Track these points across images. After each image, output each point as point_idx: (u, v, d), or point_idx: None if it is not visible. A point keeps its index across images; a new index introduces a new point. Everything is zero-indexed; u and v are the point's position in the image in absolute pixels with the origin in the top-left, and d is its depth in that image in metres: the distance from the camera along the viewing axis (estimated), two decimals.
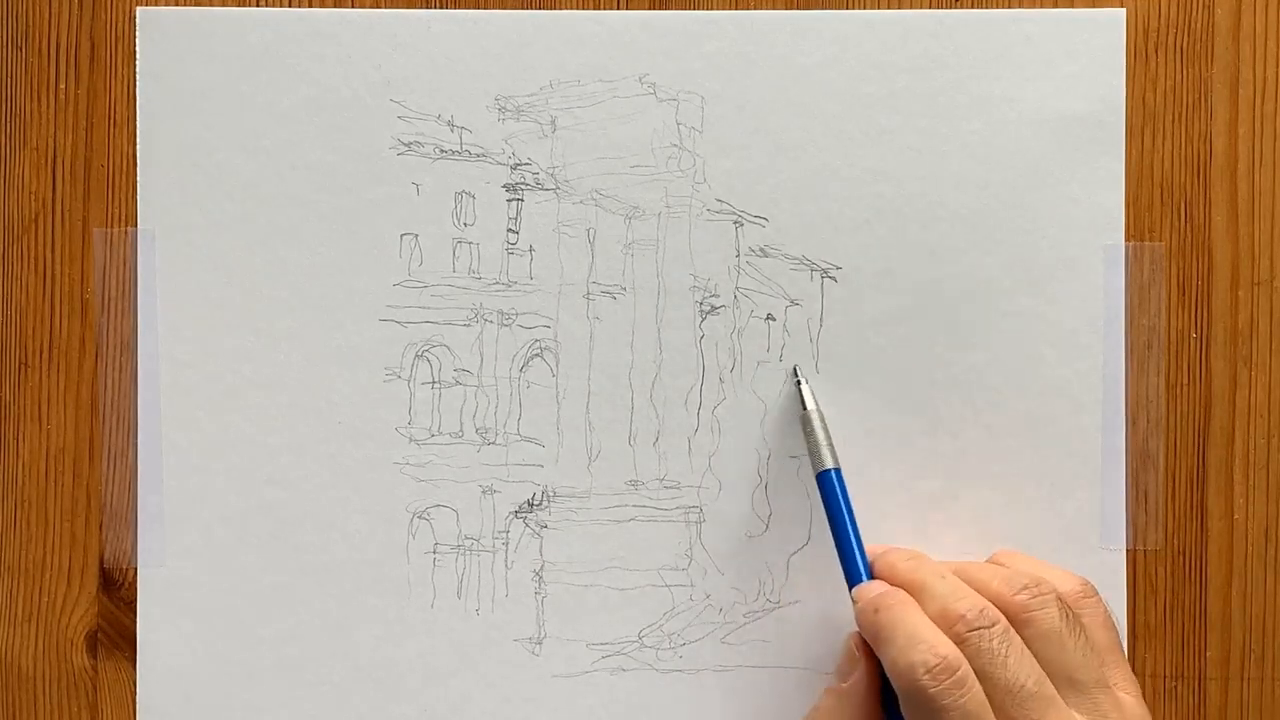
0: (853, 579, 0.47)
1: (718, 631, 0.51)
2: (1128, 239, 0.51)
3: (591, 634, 0.51)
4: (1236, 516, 0.51)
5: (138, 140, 0.51)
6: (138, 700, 0.51)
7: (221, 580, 0.51)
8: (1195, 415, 0.51)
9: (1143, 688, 0.51)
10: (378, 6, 0.51)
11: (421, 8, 0.51)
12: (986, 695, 0.43)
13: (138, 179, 0.51)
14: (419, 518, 0.51)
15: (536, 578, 0.51)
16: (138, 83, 0.51)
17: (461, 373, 0.51)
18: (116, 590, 0.51)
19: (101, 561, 0.51)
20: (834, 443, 0.49)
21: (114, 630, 0.51)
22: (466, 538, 0.51)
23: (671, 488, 0.51)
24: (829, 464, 0.49)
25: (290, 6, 0.51)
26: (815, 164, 0.51)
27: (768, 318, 0.51)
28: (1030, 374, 0.51)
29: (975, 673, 0.43)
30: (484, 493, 0.51)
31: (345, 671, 0.51)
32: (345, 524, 0.51)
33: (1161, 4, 0.51)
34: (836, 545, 0.48)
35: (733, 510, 0.51)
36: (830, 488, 0.49)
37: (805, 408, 0.50)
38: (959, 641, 0.43)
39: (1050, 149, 0.51)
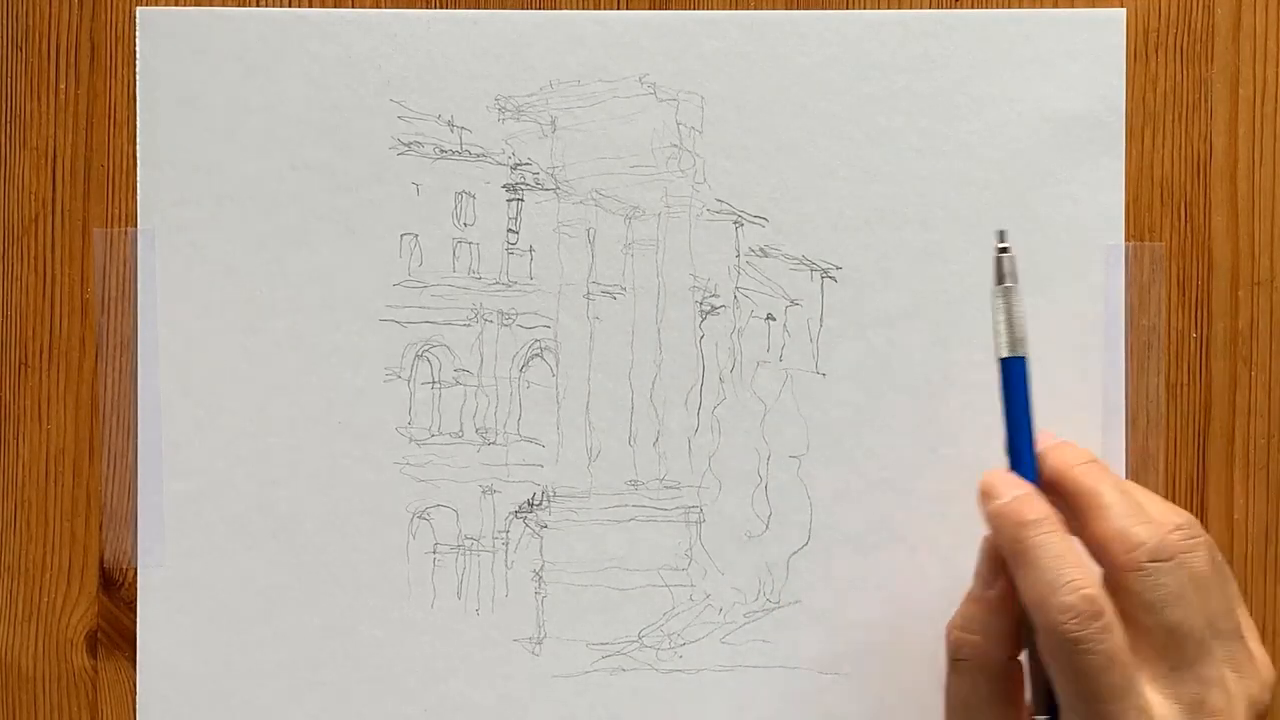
0: (1019, 464, 0.44)
1: (718, 631, 0.51)
2: (1128, 239, 0.51)
3: (591, 634, 0.51)
4: (1236, 516, 0.51)
5: (138, 140, 0.51)
6: (138, 700, 0.51)
7: (221, 580, 0.51)
8: (1195, 415, 0.51)
9: None
10: (378, 6, 0.51)
11: (421, 8, 0.51)
12: (1145, 631, 0.41)
13: (138, 179, 0.51)
14: (419, 518, 0.51)
15: (536, 578, 0.51)
16: (138, 83, 0.51)
17: (461, 373, 0.51)
18: (116, 590, 0.51)
19: (101, 561, 0.51)
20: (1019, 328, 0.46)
21: (114, 630, 0.51)
22: (466, 538, 0.51)
23: (671, 488, 0.51)
24: (1020, 350, 0.45)
25: (290, 6, 0.51)
26: (815, 164, 0.51)
27: (768, 318, 0.51)
28: (1030, 374, 0.51)
29: (1140, 606, 0.41)
30: (484, 493, 0.51)
31: (345, 671, 0.51)
32: (345, 524, 0.51)
33: (1161, 4, 0.51)
34: (1008, 435, 0.45)
35: (733, 510, 0.51)
36: (1017, 377, 0.45)
37: (1002, 280, 0.46)
38: (1132, 568, 0.41)
39: (1050, 149, 0.51)
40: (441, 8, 0.51)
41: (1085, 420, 0.51)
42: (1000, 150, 0.51)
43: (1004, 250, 0.46)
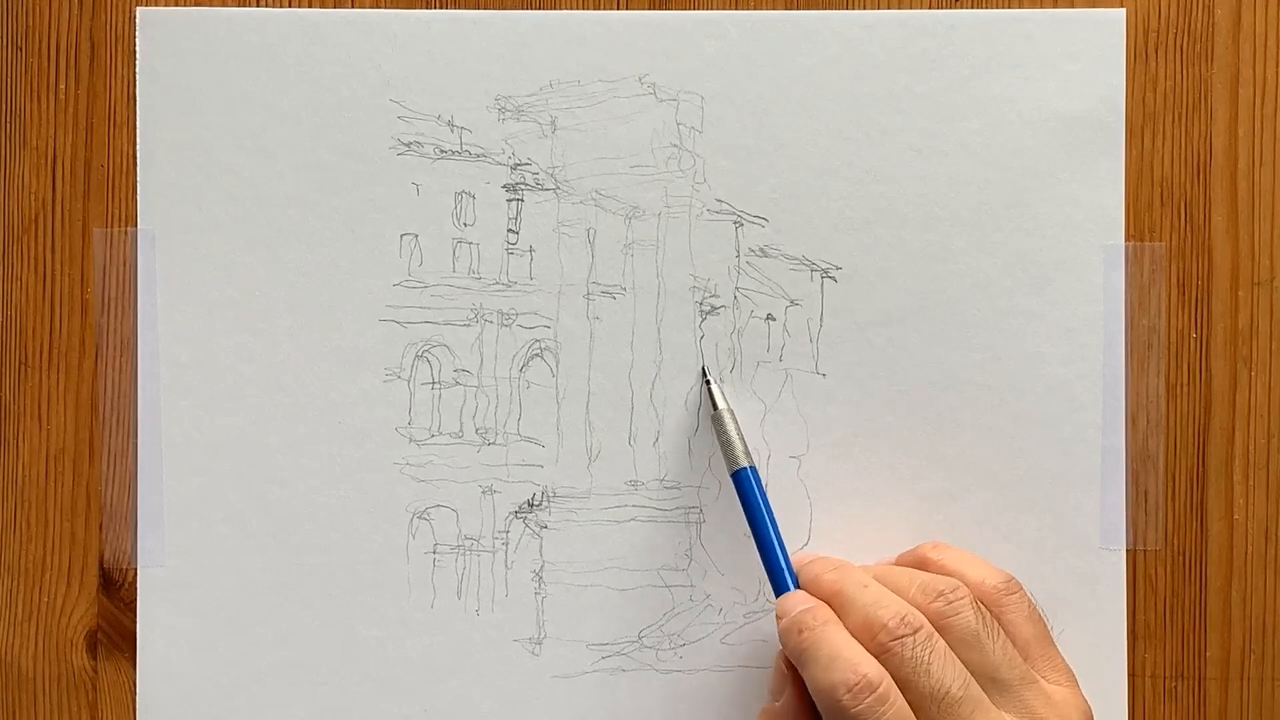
0: (778, 588, 0.47)
1: (718, 631, 0.51)
2: (1128, 239, 0.51)
3: (591, 634, 0.51)
4: (1236, 516, 0.51)
5: (138, 140, 0.51)
6: (138, 700, 0.51)
7: (221, 580, 0.51)
8: (1195, 415, 0.51)
9: (1143, 688, 0.51)
10: (378, 6, 0.51)
11: (421, 8, 0.51)
12: (913, 704, 0.43)
13: (138, 179, 0.51)
14: (419, 518, 0.51)
15: (536, 578, 0.51)
16: (138, 83, 0.51)
17: (461, 373, 0.51)
18: (116, 590, 0.51)
19: (101, 561, 0.51)
20: (747, 442, 0.49)
21: (114, 630, 0.51)
22: (466, 538, 0.51)
23: (671, 488, 0.51)
24: (743, 462, 0.49)
25: (290, 6, 0.51)
26: (815, 164, 0.51)
27: (768, 318, 0.51)
28: (1030, 374, 0.51)
29: (900, 681, 0.43)
30: (484, 493, 0.51)
31: (345, 671, 0.51)
32: (345, 524, 0.51)
33: (1161, 4, 0.51)
34: (760, 551, 0.48)
35: (733, 510, 0.51)
36: (748, 486, 0.48)
37: (716, 408, 0.50)
38: (883, 651, 0.43)
39: (1050, 149, 0.51)
40: (441, 8, 0.51)
41: (1085, 420, 0.51)
42: (1000, 150, 0.51)
43: (708, 382, 0.50)
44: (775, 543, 0.48)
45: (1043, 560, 0.51)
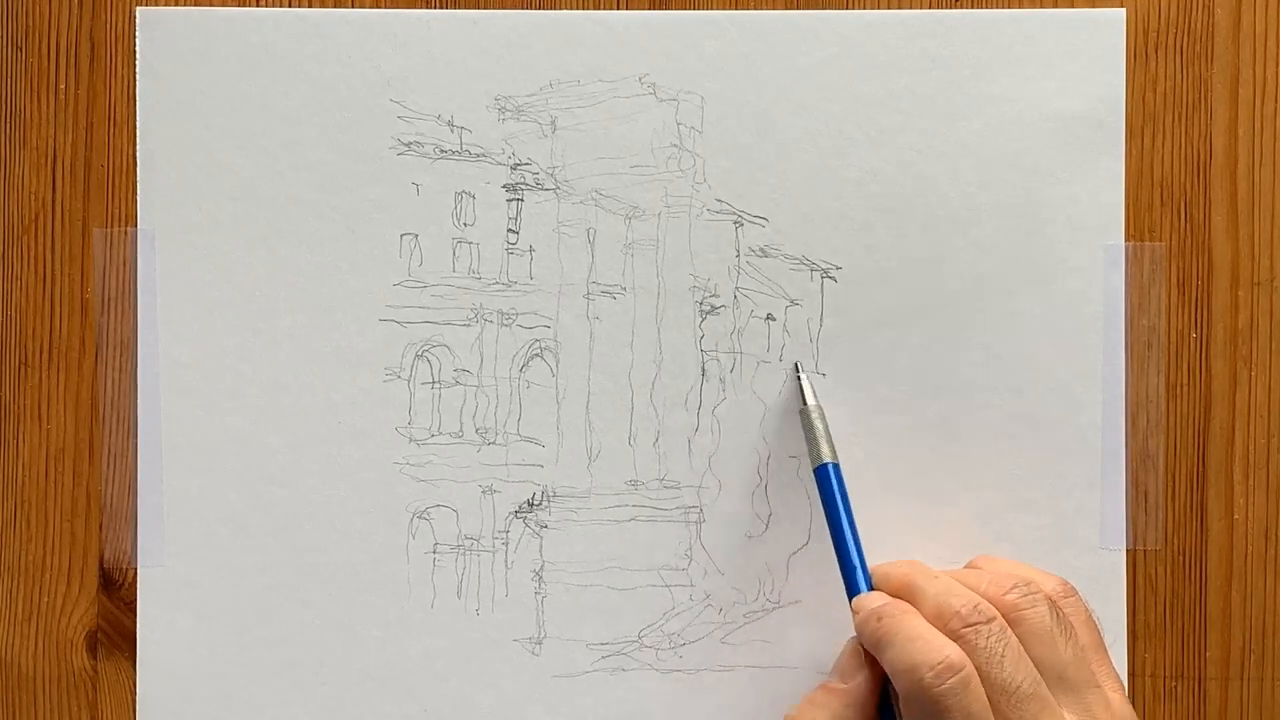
0: (853, 589, 0.47)
1: (718, 631, 0.51)
2: (1128, 239, 0.51)
3: (591, 634, 0.51)
4: (1236, 516, 0.51)
5: (138, 140, 0.51)
6: (138, 700, 0.51)
7: (221, 580, 0.51)
8: (1195, 415, 0.51)
9: (1143, 688, 0.51)
10: (378, 6, 0.51)
11: (421, 8, 0.51)
12: (989, 687, 0.43)
13: (138, 179, 0.51)
14: (419, 518, 0.51)
15: (536, 578, 0.51)
16: (138, 83, 0.51)
17: (461, 373, 0.51)
18: (116, 590, 0.51)
19: (101, 561, 0.51)
20: (834, 441, 0.49)
21: (114, 630, 0.51)
22: (466, 538, 0.51)
23: (671, 488, 0.51)
24: (827, 457, 0.49)
25: (290, 6, 0.51)
26: (815, 164, 0.51)
27: (768, 318, 0.51)
28: (1030, 374, 0.51)
29: (979, 666, 0.43)
30: (484, 493, 0.51)
31: (345, 671, 0.51)
32: (345, 524, 0.51)
33: (1161, 4, 0.51)
34: (835, 549, 0.48)
35: (733, 510, 0.51)
36: (828, 483, 0.48)
37: (805, 403, 0.50)
38: (956, 638, 0.43)
39: (1050, 149, 0.51)
40: (441, 8, 0.51)
41: (1085, 420, 0.51)
42: (1000, 150, 0.51)
43: (800, 376, 0.50)
44: (852, 542, 0.48)
45: (1043, 560, 0.50)
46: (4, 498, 0.51)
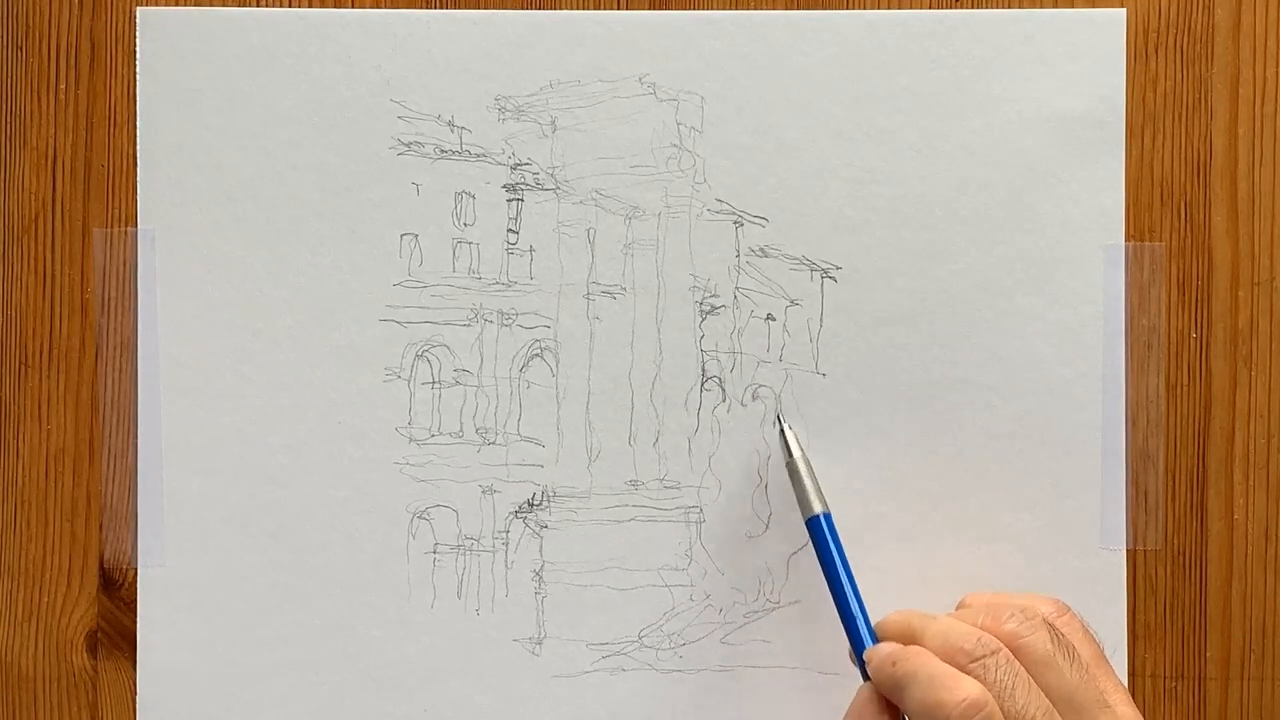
0: (856, 640, 0.47)
1: (718, 631, 0.51)
2: (1128, 239, 0.51)
3: (591, 634, 0.51)
4: (1236, 516, 0.51)
5: (138, 140, 0.51)
6: (138, 700, 0.51)
7: (221, 580, 0.51)
8: (1195, 415, 0.51)
9: (1143, 688, 0.51)
10: (378, 6, 0.51)
11: (421, 8, 0.51)
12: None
13: (138, 179, 0.51)
14: (419, 518, 0.51)
15: (536, 578, 0.51)
16: (138, 83, 0.51)
17: (461, 373, 0.51)
18: (116, 590, 0.51)
19: (101, 561, 0.51)
20: (820, 486, 0.49)
21: (114, 630, 0.51)
22: (466, 538, 0.51)
23: (671, 488, 0.51)
24: (818, 509, 0.48)
25: (290, 6, 0.51)
26: (815, 164, 0.51)
27: (768, 318, 0.51)
28: (1030, 374, 0.51)
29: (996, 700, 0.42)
30: (484, 493, 0.51)
31: (345, 671, 0.51)
32: (345, 524, 0.51)
33: (1161, 4, 0.51)
34: (835, 601, 0.47)
35: (733, 510, 0.51)
36: (821, 534, 0.48)
37: (791, 455, 0.49)
38: (966, 672, 0.43)
39: (1050, 149, 0.51)
40: (441, 8, 0.51)
41: (1085, 420, 0.51)
42: (1000, 150, 0.51)
43: (784, 430, 0.50)
44: (852, 593, 0.47)
45: (1043, 560, 0.51)
46: (4, 498, 0.51)
